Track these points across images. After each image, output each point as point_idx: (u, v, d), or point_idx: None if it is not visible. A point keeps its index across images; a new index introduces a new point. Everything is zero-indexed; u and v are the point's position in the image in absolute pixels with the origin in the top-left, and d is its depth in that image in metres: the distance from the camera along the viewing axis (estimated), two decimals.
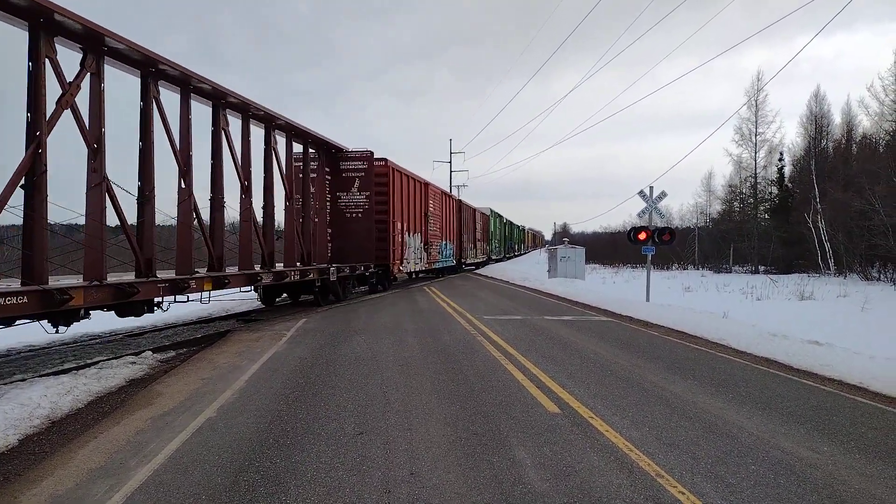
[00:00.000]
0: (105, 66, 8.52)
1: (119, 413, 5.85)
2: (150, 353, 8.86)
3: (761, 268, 38.09)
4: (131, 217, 9.07)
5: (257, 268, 12.80)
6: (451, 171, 51.58)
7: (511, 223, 68.08)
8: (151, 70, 9.43)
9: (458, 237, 33.37)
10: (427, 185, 25.92)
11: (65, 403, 6.09)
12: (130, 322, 11.25)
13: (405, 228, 22.02)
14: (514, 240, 72.35)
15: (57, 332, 7.73)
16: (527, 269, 36.90)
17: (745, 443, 4.85)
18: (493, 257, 48.90)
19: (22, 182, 7.11)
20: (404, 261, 21.88)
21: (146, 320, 11.56)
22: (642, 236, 17.19)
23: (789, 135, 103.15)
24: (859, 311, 16.10)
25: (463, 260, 34.70)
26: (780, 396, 6.45)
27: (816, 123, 40.57)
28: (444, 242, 29.31)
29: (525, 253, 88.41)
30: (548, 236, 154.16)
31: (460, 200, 34.40)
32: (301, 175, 15.86)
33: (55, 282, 7.71)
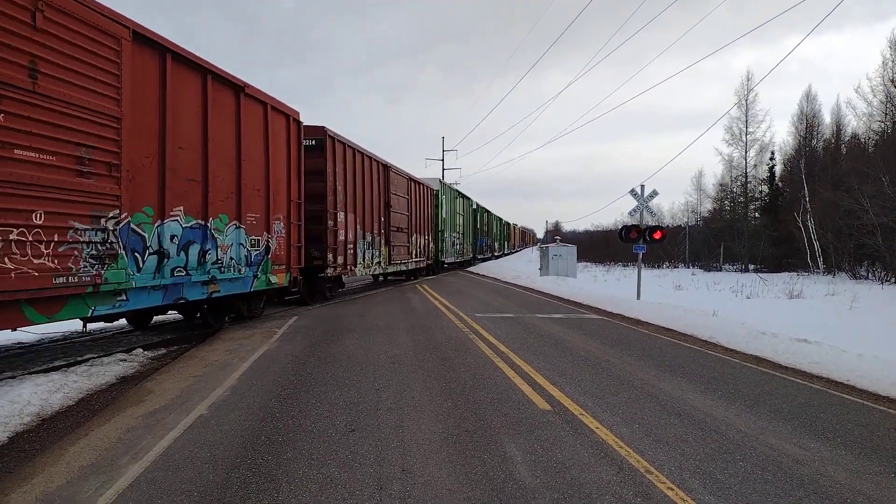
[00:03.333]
0: None
1: (110, 410, 5.83)
2: (140, 350, 8.83)
3: (751, 266, 38.42)
4: None
5: None
6: (443, 169, 51.57)
7: (488, 212, 49.81)
8: None
9: (303, 219, 13.50)
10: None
11: (55, 401, 6.06)
12: (121, 319, 11.04)
13: None
14: (493, 235, 53.82)
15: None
16: (519, 267, 37.01)
17: (734, 439, 4.91)
18: (447, 261, 31.70)
19: None
20: None
21: None
22: (633, 235, 17.29)
23: (780, 134, 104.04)
24: (847, 309, 16.28)
25: (345, 269, 16.48)
26: (769, 394, 6.51)
27: (807, 123, 40.99)
28: (212, 226, 9.78)
29: (511, 253, 76.89)
30: (540, 234, 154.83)
31: (336, 140, 15.75)
32: None
33: None
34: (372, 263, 19.08)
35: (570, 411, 5.64)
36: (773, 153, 42.24)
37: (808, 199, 33.69)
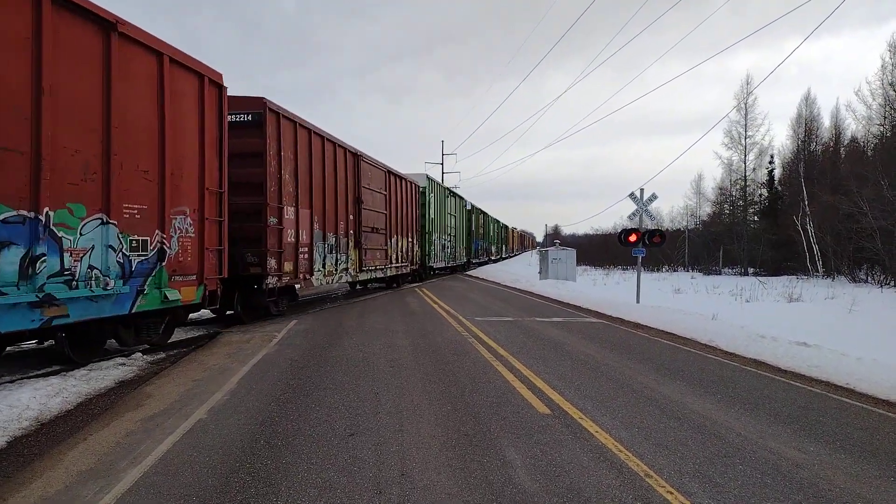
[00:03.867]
0: None
1: (109, 415, 5.83)
2: (139, 354, 8.81)
3: (751, 270, 38.43)
4: None
5: None
6: (443, 172, 51.59)
7: (484, 214, 47.85)
8: None
9: (226, 214, 10.36)
10: None
11: (54, 405, 6.05)
12: None
13: None
14: (490, 239, 51.90)
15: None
16: (518, 271, 36.98)
17: (733, 443, 4.91)
18: (436, 265, 29.22)
19: None
20: None
21: None
22: (633, 238, 17.30)
23: (779, 137, 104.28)
24: (847, 312, 16.27)
25: (296, 278, 13.35)
26: (768, 397, 6.51)
27: (806, 126, 41.08)
28: (51, 220, 6.65)
29: (509, 257, 75.52)
30: (539, 238, 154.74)
31: (282, 115, 12.43)
32: None
33: None
34: (336, 270, 15.68)
35: (570, 415, 5.63)
36: (772, 157, 42.35)
37: (807, 202, 33.74)
